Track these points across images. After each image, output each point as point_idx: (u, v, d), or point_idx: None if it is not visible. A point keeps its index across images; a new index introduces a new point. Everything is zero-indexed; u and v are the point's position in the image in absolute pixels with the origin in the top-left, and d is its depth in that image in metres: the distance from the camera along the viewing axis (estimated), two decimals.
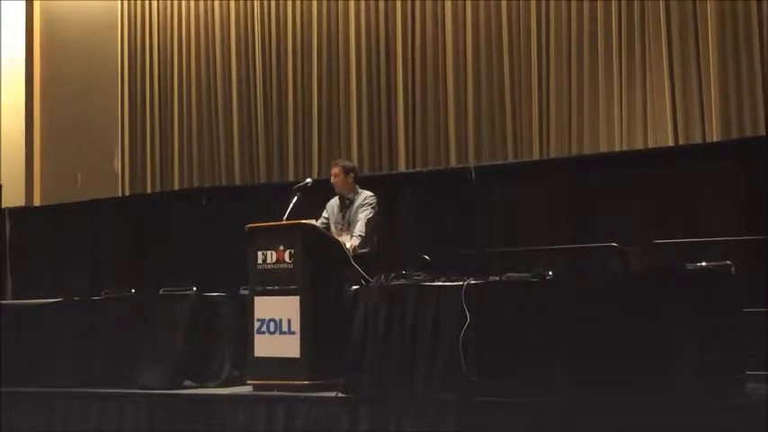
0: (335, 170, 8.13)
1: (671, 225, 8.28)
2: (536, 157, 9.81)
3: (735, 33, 8.98)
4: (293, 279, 7.16)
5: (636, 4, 9.45)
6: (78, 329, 8.39)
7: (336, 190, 8.12)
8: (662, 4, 9.30)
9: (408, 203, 9.71)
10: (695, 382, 5.67)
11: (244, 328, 7.53)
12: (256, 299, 7.34)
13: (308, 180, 8.18)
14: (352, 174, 8.19)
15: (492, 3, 10.26)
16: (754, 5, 8.88)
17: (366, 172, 10.31)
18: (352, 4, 11.05)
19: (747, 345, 6.03)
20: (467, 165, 9.82)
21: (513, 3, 10.16)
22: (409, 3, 10.72)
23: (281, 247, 7.24)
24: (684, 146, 9.01)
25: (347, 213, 8.02)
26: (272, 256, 7.28)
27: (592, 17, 9.69)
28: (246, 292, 7.57)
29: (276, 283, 7.23)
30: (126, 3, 12.62)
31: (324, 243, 7.41)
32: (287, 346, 7.09)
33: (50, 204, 12.58)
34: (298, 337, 7.07)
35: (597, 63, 9.64)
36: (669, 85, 9.23)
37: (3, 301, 10.08)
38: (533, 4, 10.01)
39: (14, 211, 12.39)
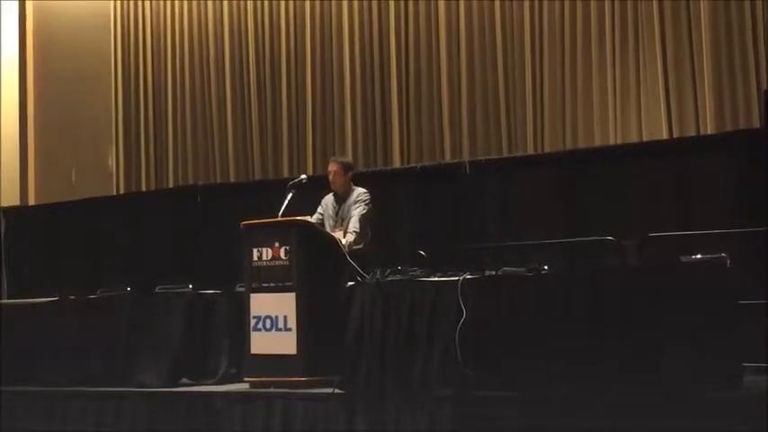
0: (334, 167, 8.01)
1: (666, 218, 8.28)
2: (530, 151, 9.81)
3: (728, 28, 8.98)
4: (289, 276, 7.17)
5: (629, 2, 9.44)
6: (75, 328, 8.40)
7: (333, 187, 8.09)
8: (655, 2, 9.30)
9: (403, 199, 9.71)
10: (692, 374, 5.68)
11: (240, 325, 7.54)
12: (252, 296, 7.34)
13: (303, 177, 8.15)
14: (350, 172, 8.14)
15: (485, 0, 10.25)
16: (746, 1, 8.88)
17: (361, 168, 10.29)
18: (345, 2, 11.04)
19: (743, 336, 6.04)
20: (461, 160, 9.82)
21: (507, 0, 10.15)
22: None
23: (277, 244, 7.24)
24: (678, 139, 9.01)
25: (341, 210, 7.99)
26: (267, 253, 7.28)
27: (585, 13, 9.68)
28: (242, 289, 7.58)
29: (272, 279, 7.24)
30: (119, 2, 12.59)
31: (319, 240, 7.40)
32: (283, 343, 7.09)
33: (45, 203, 12.55)
34: (294, 333, 7.08)
35: (591, 58, 9.63)
36: (663, 80, 9.23)
37: None
38: (527, 1, 9.99)
39: (9, 211, 12.37)
